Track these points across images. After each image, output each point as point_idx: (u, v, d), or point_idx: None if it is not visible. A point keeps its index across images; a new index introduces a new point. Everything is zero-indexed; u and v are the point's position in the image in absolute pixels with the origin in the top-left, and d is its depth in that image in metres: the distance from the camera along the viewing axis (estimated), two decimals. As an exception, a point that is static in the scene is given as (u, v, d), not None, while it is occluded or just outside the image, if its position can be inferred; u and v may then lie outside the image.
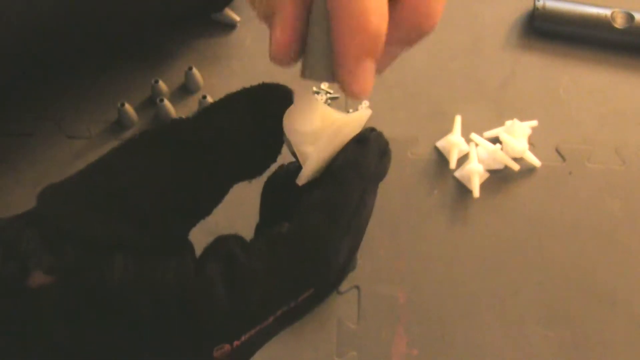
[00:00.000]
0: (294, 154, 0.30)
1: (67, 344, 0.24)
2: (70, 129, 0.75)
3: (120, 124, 0.75)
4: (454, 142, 0.72)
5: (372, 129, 0.30)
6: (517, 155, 0.73)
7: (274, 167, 0.32)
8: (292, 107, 0.29)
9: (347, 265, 0.29)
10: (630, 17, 0.79)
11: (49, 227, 0.25)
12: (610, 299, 0.68)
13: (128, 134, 0.75)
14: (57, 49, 0.79)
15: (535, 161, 0.73)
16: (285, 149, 0.31)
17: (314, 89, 0.78)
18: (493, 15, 0.84)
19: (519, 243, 0.70)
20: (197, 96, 0.75)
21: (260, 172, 0.30)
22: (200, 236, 0.29)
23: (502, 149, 0.73)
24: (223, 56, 0.80)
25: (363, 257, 0.69)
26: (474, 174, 0.71)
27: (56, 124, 0.76)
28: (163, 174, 0.26)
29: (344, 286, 0.67)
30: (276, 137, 0.29)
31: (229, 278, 0.25)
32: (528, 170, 0.74)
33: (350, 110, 0.77)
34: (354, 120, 0.30)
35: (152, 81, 0.75)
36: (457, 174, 0.73)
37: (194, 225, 0.28)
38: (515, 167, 0.72)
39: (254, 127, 0.28)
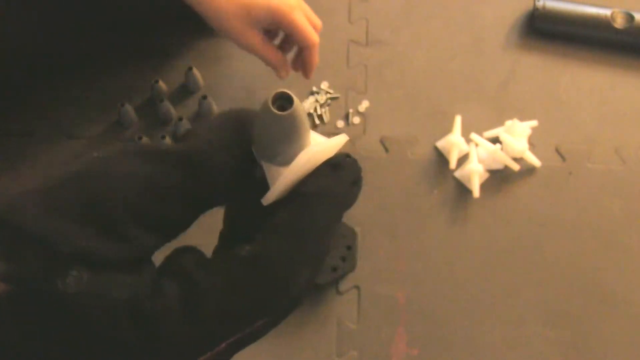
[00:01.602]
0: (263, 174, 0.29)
1: (17, 352, 0.24)
2: (70, 129, 0.75)
3: (120, 124, 0.75)
4: (454, 142, 0.72)
5: (348, 155, 0.29)
6: (517, 155, 0.73)
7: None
8: None
9: (305, 292, 0.28)
10: (630, 17, 0.79)
11: (10, 231, 0.24)
12: (610, 299, 0.68)
13: (128, 134, 0.75)
14: (58, 49, 0.79)
15: (535, 161, 0.73)
16: None
17: (314, 88, 0.78)
18: (493, 15, 0.84)
19: (519, 243, 0.70)
20: (197, 96, 0.75)
21: (233, 197, 0.30)
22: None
23: (502, 149, 0.73)
24: (223, 56, 0.80)
25: (363, 257, 0.69)
26: (474, 174, 0.71)
27: (56, 124, 0.76)
28: (137, 187, 0.26)
29: (344, 286, 0.67)
30: (252, 160, 0.29)
31: (185, 299, 0.25)
32: (528, 170, 0.74)
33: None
34: (330, 146, 0.29)
35: (153, 81, 0.75)
36: (457, 174, 0.73)
37: (159, 246, 0.27)
38: (515, 167, 0.72)
39: (230, 147, 0.28)
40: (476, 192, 0.70)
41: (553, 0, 0.81)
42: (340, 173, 0.28)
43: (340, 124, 0.76)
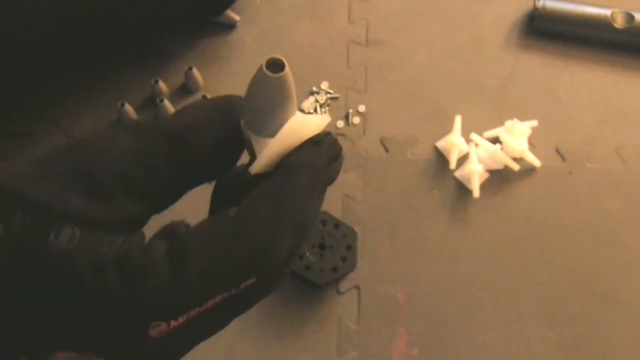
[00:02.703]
0: (249, 148, 0.31)
1: (6, 303, 0.25)
2: (70, 129, 0.75)
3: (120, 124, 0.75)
4: (454, 142, 0.72)
5: (328, 134, 0.32)
6: (517, 155, 0.73)
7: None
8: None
9: (291, 261, 0.30)
10: (630, 17, 0.79)
11: (1, 191, 0.26)
12: (610, 299, 0.68)
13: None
14: (58, 50, 0.79)
15: (535, 161, 0.73)
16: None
17: (314, 88, 0.78)
18: (493, 15, 0.84)
19: (519, 243, 0.70)
20: (197, 96, 0.75)
21: (219, 174, 0.32)
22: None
23: (502, 149, 0.73)
24: (223, 56, 0.80)
25: (363, 257, 0.69)
26: (474, 174, 0.71)
27: (56, 124, 0.76)
28: (124, 156, 0.28)
29: (344, 286, 0.67)
30: (238, 139, 0.31)
31: (172, 254, 0.26)
32: (528, 170, 0.74)
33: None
34: (314, 121, 0.31)
35: (152, 81, 0.75)
36: (457, 174, 0.73)
37: (146, 217, 0.29)
38: (515, 167, 0.72)
39: (218, 126, 0.30)
40: (476, 192, 0.70)
41: (553, 0, 0.81)
42: (321, 148, 0.30)
43: (340, 124, 0.76)
